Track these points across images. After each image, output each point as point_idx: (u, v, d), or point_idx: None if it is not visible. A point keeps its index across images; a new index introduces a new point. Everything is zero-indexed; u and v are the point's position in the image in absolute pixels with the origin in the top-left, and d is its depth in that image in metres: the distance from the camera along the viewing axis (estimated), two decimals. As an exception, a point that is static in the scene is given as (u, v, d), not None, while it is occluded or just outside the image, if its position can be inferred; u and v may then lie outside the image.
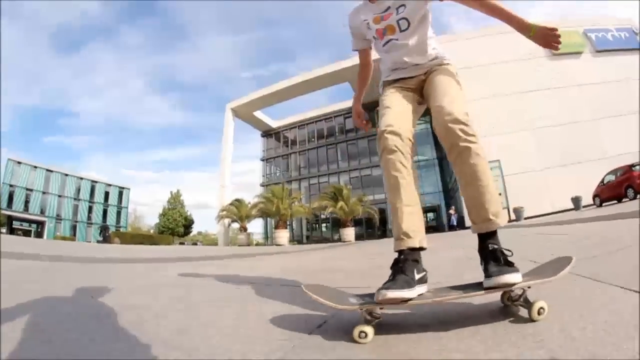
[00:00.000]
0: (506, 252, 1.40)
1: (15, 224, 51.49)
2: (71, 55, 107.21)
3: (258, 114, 39.46)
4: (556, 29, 1.50)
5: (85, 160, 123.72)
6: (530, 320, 1.22)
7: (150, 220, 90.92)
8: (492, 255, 1.40)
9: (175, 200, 57.61)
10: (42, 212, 53.38)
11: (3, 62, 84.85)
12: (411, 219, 1.49)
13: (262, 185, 42.41)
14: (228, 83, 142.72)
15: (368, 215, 27.39)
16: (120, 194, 64.42)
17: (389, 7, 1.74)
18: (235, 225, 29.31)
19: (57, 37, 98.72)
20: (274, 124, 43.15)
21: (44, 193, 53.98)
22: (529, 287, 1.30)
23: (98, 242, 25.25)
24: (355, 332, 1.24)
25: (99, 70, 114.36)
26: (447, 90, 1.65)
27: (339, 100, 40.59)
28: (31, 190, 52.72)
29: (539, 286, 1.38)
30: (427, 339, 1.24)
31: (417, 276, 1.40)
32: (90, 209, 59.07)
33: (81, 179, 59.14)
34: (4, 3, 72.22)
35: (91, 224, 58.56)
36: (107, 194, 61.92)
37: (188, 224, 58.05)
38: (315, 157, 39.94)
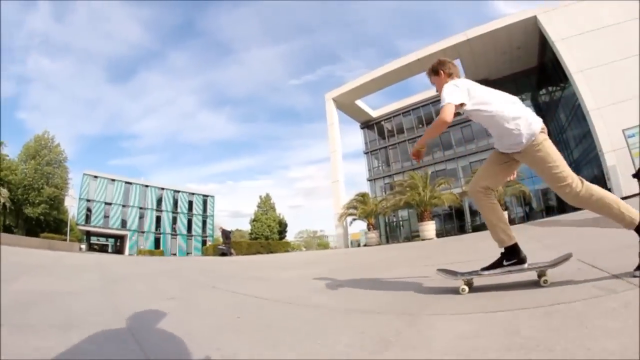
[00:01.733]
0: None
1: (93, 240, 47.27)
2: (125, 82, 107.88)
3: (359, 102, 35.04)
4: (414, 155, 2.88)
5: (151, 179, 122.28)
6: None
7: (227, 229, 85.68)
8: None
9: (265, 204, 50.95)
10: (124, 226, 48.49)
11: (64, 95, 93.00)
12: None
13: (369, 179, 37.83)
14: (276, 92, 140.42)
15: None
16: (205, 203, 58.81)
17: None
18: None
19: (109, 68, 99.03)
20: (374, 113, 38.14)
21: (123, 206, 49.12)
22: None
23: (223, 254, 18.78)
24: (459, 289, 2.46)
25: (151, 93, 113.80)
26: None
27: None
28: (110, 204, 47.99)
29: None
30: (497, 294, 2.30)
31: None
32: (174, 220, 53.81)
33: (162, 189, 54.06)
34: (52, 39, 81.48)
35: (176, 235, 53.20)
36: (190, 204, 56.43)
37: (282, 229, 51.37)
38: (429, 144, 31.79)
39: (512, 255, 2.45)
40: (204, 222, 57.31)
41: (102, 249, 49.73)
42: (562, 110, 26.67)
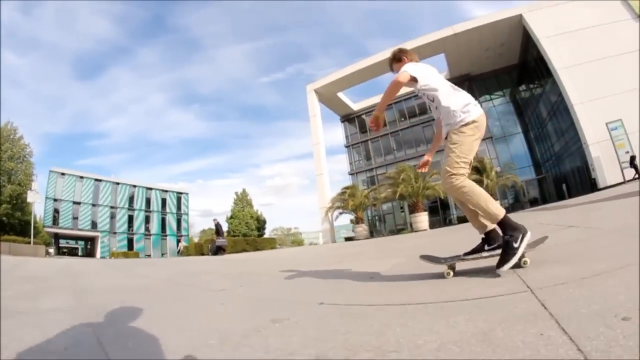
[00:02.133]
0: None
1: (62, 243, 44.89)
2: (92, 79, 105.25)
3: (341, 95, 34.46)
4: (372, 125, 2.72)
5: (120, 178, 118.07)
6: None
7: (197, 228, 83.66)
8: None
9: (242, 201, 49.55)
10: (94, 227, 46.24)
11: (28, 93, 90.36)
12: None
13: (350, 173, 37.39)
14: (246, 91, 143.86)
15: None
16: (179, 200, 56.71)
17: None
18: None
19: (76, 64, 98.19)
20: (355, 106, 37.36)
21: (93, 205, 46.78)
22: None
23: (218, 251, 17.75)
24: (444, 273, 2.56)
25: (119, 91, 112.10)
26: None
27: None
28: (79, 203, 45.61)
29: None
30: (476, 276, 2.42)
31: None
32: (147, 219, 51.47)
33: (134, 186, 51.63)
34: (19, 34, 77.68)
35: (149, 235, 51.18)
36: (163, 201, 54.16)
37: (261, 225, 50.16)
38: (411, 137, 34.36)
39: (494, 240, 2.58)
40: (179, 221, 55.26)
41: (72, 252, 47.42)
42: (543, 106, 27.13)
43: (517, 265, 2.30)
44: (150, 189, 52.99)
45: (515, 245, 2.29)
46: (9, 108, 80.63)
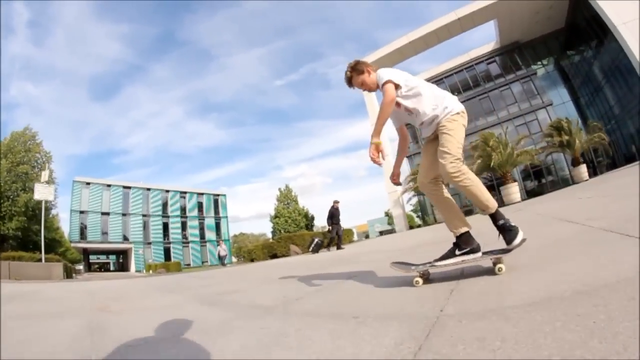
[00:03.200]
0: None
1: (92, 258, 39.97)
2: (110, 99, 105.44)
3: None
4: (375, 156, 2.37)
5: (150, 184, 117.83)
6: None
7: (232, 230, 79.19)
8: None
9: (287, 197, 43.64)
10: (126, 238, 41.04)
11: (50, 119, 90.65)
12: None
13: (407, 157, 30.49)
14: (262, 94, 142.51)
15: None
16: (216, 203, 50.22)
17: None
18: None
19: (93, 86, 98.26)
20: None
21: (124, 215, 41.60)
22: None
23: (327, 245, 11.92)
24: (413, 281, 2.33)
25: (138, 108, 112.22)
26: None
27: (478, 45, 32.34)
28: (108, 214, 40.50)
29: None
30: (447, 283, 2.20)
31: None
32: (183, 226, 45.58)
33: (167, 191, 45.89)
34: (35, 65, 77.96)
35: (187, 242, 45.42)
36: (200, 205, 47.91)
37: (309, 222, 44.33)
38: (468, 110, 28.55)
39: (465, 243, 2.33)
40: (217, 225, 48.75)
41: (104, 267, 42.77)
42: (597, 69, 25.06)
43: (492, 272, 2.16)
44: (185, 192, 47.10)
45: (514, 224, 2.19)
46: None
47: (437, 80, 31.58)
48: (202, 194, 48.76)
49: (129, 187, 42.56)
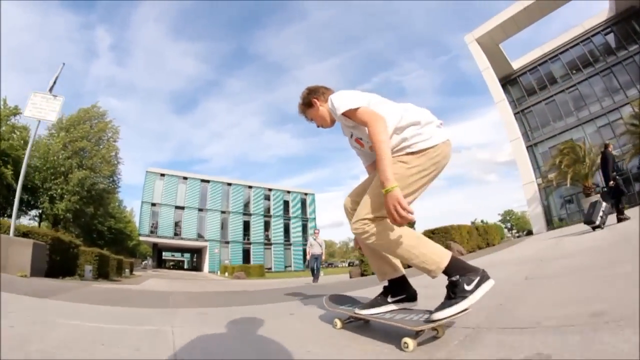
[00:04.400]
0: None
1: (166, 255, 35.52)
2: (189, 112, 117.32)
3: (502, 48, 27.49)
4: (405, 211, 1.42)
5: (232, 179, 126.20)
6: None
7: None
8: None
9: None
10: (201, 236, 36.25)
11: (135, 130, 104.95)
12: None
13: (528, 146, 27.37)
14: None
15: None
16: (304, 203, 44.02)
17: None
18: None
19: (173, 101, 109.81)
20: (514, 65, 29.35)
21: (200, 210, 37.02)
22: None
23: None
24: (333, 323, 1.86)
25: (215, 119, 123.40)
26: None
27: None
28: (182, 208, 36.10)
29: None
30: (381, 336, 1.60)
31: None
32: (266, 226, 40.08)
33: (249, 187, 40.99)
34: (118, 83, 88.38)
35: (270, 244, 39.80)
36: (286, 204, 42.10)
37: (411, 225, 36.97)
38: (591, 91, 25.57)
39: (400, 290, 1.80)
40: (304, 227, 42.31)
41: (177, 265, 38.81)
42: None
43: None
44: (270, 189, 41.68)
45: (468, 287, 1.46)
46: (119, 144, 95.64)
47: (553, 56, 27.33)
48: (289, 192, 43.01)
49: (208, 181, 37.88)
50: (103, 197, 20.69)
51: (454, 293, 1.46)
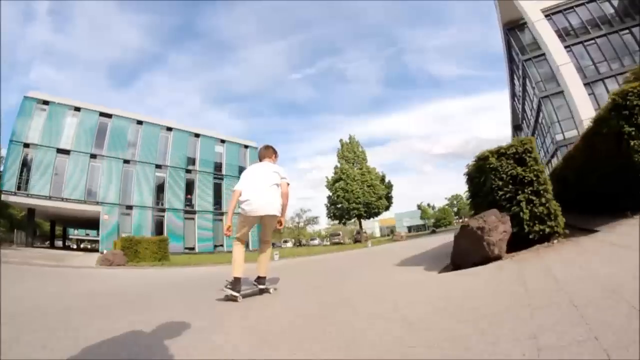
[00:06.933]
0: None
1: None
2: (128, 87, 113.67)
3: None
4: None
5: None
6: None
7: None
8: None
9: (352, 153, 28.36)
10: (92, 196, 25.38)
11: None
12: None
13: (586, 83, 22.29)
14: (279, 86, 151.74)
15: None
16: (243, 159, 35.27)
17: None
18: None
19: (111, 74, 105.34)
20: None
21: (93, 157, 25.93)
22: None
23: None
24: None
25: (155, 95, 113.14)
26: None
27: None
28: (68, 152, 24.78)
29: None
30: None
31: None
32: (189, 187, 30.00)
33: (169, 129, 30.15)
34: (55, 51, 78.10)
35: (193, 212, 29.32)
36: (219, 158, 32.95)
37: (389, 192, 29.97)
38: (611, 50, 21.88)
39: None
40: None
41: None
42: None
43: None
44: (197, 135, 32.17)
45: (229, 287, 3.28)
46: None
47: (567, 9, 23.94)
48: (224, 141, 33.07)
49: (109, 116, 26.42)
50: None
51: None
